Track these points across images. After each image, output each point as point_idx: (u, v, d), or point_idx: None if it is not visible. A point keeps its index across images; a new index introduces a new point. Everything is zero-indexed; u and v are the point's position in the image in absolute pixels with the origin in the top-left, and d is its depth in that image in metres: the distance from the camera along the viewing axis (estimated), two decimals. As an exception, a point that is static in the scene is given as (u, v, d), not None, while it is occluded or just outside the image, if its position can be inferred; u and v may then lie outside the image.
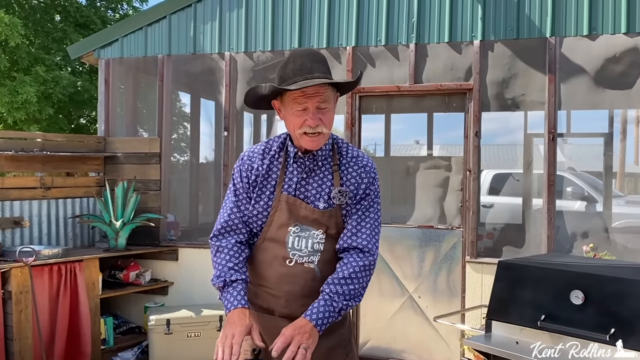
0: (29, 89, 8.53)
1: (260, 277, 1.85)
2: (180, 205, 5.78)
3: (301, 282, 1.78)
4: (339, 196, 1.78)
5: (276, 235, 1.78)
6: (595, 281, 2.30)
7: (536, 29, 4.12)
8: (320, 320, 1.65)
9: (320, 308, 1.67)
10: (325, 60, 1.76)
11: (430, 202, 4.64)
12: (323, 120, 1.72)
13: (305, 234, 1.77)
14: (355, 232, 1.78)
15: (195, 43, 4.95)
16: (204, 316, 4.36)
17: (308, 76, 1.67)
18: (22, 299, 3.82)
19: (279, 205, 1.78)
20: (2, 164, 4.40)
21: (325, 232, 1.78)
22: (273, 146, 1.86)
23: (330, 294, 1.69)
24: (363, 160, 1.85)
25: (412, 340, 4.46)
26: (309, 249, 1.77)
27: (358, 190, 1.81)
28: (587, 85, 4.14)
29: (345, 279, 1.72)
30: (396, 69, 4.47)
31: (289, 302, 1.80)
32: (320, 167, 1.81)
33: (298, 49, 1.79)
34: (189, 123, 7.17)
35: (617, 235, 4.92)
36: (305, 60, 1.70)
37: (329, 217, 1.78)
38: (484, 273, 4.17)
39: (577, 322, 2.27)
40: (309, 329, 1.62)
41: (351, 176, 1.82)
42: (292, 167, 1.81)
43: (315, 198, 1.78)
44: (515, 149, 6.69)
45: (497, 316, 2.56)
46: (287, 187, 1.80)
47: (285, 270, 1.78)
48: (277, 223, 1.78)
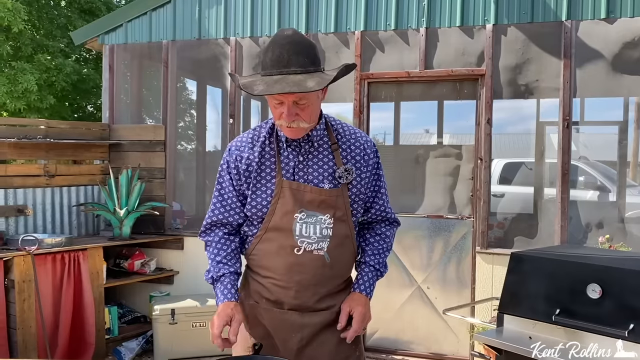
0: (30, 78, 8.43)
1: (266, 268, 1.77)
2: (187, 193, 5.72)
3: (311, 270, 1.71)
4: (345, 175, 1.74)
5: (281, 224, 1.70)
6: (613, 274, 2.19)
7: (551, 12, 3.97)
8: (369, 289, 1.86)
9: (368, 279, 1.86)
10: (309, 49, 1.62)
11: (440, 192, 4.53)
12: (301, 115, 1.63)
13: (312, 219, 1.70)
14: (384, 207, 1.91)
15: (200, 28, 4.85)
16: (209, 306, 4.30)
17: (283, 70, 1.57)
18: (25, 287, 3.77)
19: (281, 192, 1.70)
20: (5, 151, 4.34)
21: (333, 216, 1.72)
22: (262, 133, 1.79)
23: (376, 265, 1.88)
24: (362, 137, 1.83)
25: (420, 331, 4.39)
26: (317, 235, 1.70)
27: (367, 167, 1.80)
28: (604, 71, 4.00)
29: (384, 249, 1.92)
30: (406, 55, 4.35)
31: (299, 292, 1.73)
32: (317, 147, 1.75)
33: (282, 34, 1.60)
34: (194, 111, 7.10)
35: (632, 226, 4.80)
36: (284, 50, 1.58)
37: (337, 196, 1.72)
38: (495, 264, 4.07)
39: (593, 317, 2.17)
40: (364, 301, 1.82)
41: (355, 154, 1.78)
42: (286, 152, 1.74)
43: (319, 180, 1.72)
44: (527, 137, 6.56)
45: (510, 310, 2.46)
46: (285, 172, 1.72)
47: (293, 260, 1.70)
48: (281, 211, 1.70)
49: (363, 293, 1.81)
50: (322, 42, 4.55)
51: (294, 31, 1.62)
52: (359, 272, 1.85)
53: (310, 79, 1.57)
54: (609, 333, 2.11)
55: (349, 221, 1.76)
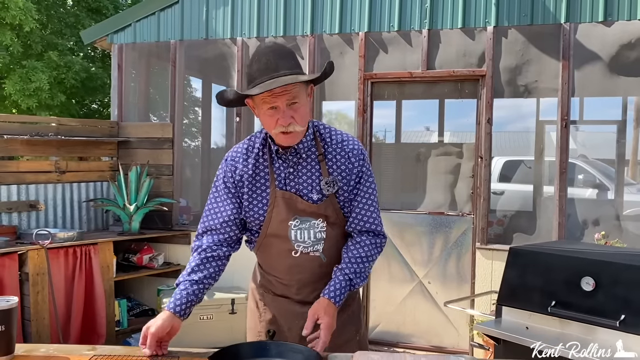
0: (41, 76, 8.57)
1: (270, 268, 1.90)
2: (192, 190, 5.83)
3: (309, 270, 1.83)
4: (327, 187, 1.76)
5: (277, 231, 1.80)
6: (606, 268, 2.31)
7: (551, 14, 4.08)
8: (338, 297, 1.73)
9: (339, 287, 1.74)
10: (292, 54, 1.70)
11: (440, 189, 4.65)
12: (295, 117, 1.68)
13: (306, 225, 1.78)
14: (363, 215, 1.81)
15: (208, 28, 4.96)
16: (217, 299, 4.42)
17: (274, 75, 1.62)
18: (38, 280, 3.89)
19: (275, 202, 1.78)
20: (17, 148, 4.46)
21: (326, 220, 1.80)
22: (256, 143, 1.84)
23: (350, 275, 1.76)
24: (349, 144, 1.82)
25: (421, 325, 4.51)
26: (312, 239, 1.79)
27: (351, 175, 1.79)
28: (601, 72, 4.11)
29: (362, 258, 1.79)
30: (409, 55, 4.46)
31: (300, 289, 1.87)
32: (305, 158, 1.79)
33: (263, 45, 1.69)
34: (198, 108, 7.20)
35: (629, 223, 4.91)
36: (270, 57, 1.63)
37: (325, 207, 1.78)
38: (494, 259, 4.18)
39: (587, 309, 2.29)
40: (332, 311, 1.70)
41: (340, 163, 1.79)
42: (277, 163, 1.79)
43: (308, 190, 1.78)
44: (527, 136, 6.65)
45: (508, 302, 2.58)
46: (278, 183, 1.79)
47: (292, 262, 1.81)
48: (276, 219, 1.79)
49: (332, 300, 1.72)
50: (327, 42, 4.66)
51: (273, 42, 1.68)
52: (333, 278, 1.77)
53: (301, 77, 1.65)
54: (601, 323, 2.23)
55: (341, 224, 1.84)
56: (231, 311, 4.43)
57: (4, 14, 8.12)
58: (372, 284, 4.62)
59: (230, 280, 4.21)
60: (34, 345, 1.76)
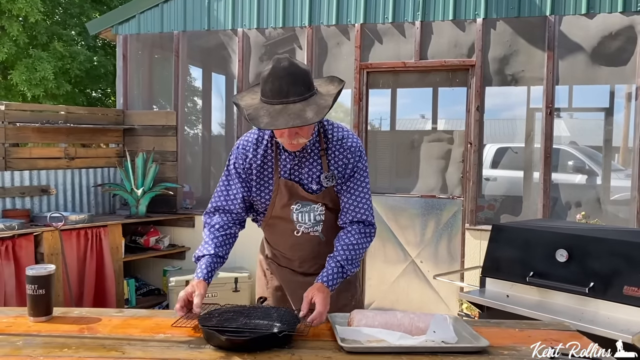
0: (47, 66, 8.76)
1: (275, 244, 2.16)
2: (194, 175, 6.05)
3: (310, 247, 2.06)
4: (326, 181, 1.96)
5: (281, 214, 2.02)
6: (578, 241, 2.56)
7: (537, 7, 4.30)
8: (331, 282, 1.86)
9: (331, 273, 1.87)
10: (304, 78, 1.75)
11: (433, 174, 4.89)
12: (300, 133, 1.81)
13: (306, 208, 2.01)
14: (354, 207, 1.96)
15: (210, 19, 5.15)
16: (220, 278, 4.66)
17: (283, 100, 1.71)
18: (53, 260, 4.12)
19: (278, 189, 1.99)
20: (29, 135, 4.67)
21: (325, 205, 2.02)
22: (265, 135, 2.02)
23: (341, 262, 1.89)
24: (348, 141, 1.97)
25: (414, 301, 4.77)
26: (312, 221, 2.02)
27: (346, 169, 1.96)
28: (585, 62, 4.34)
29: (353, 246, 1.92)
30: (402, 46, 4.67)
31: (302, 263, 2.12)
32: (309, 152, 1.98)
33: (280, 65, 1.75)
34: (198, 96, 7.39)
35: (613, 207, 5.16)
36: (282, 82, 1.72)
37: (324, 196, 2.00)
38: (482, 239, 4.43)
39: (561, 278, 2.55)
40: (326, 291, 1.82)
41: (338, 159, 1.96)
42: (284, 155, 1.98)
43: (309, 181, 1.99)
44: (518, 123, 6.84)
45: (491, 273, 2.84)
46: (283, 172, 1.99)
47: (294, 240, 2.05)
48: (279, 204, 2.01)
49: (325, 284, 1.84)
50: (324, 33, 4.87)
51: (289, 62, 1.77)
52: (326, 265, 1.89)
53: (308, 108, 1.71)
54: (573, 290, 2.49)
55: (338, 209, 2.05)
56: (234, 289, 4.67)
57: (10, 6, 8.29)
58: (368, 264, 4.87)
59: (233, 260, 4.43)
60: (68, 308, 1.98)
